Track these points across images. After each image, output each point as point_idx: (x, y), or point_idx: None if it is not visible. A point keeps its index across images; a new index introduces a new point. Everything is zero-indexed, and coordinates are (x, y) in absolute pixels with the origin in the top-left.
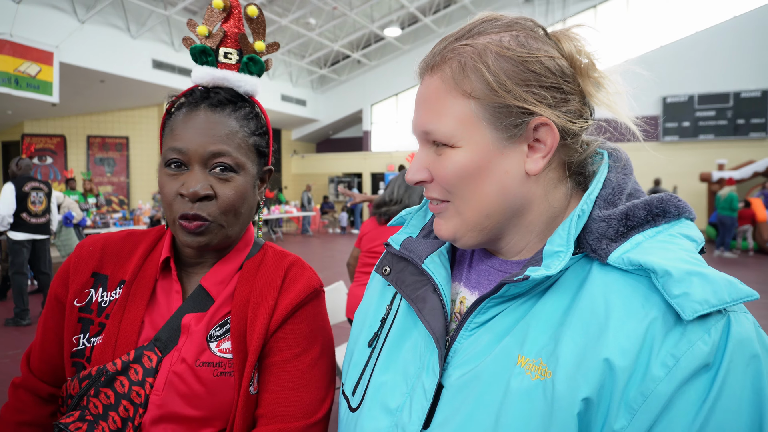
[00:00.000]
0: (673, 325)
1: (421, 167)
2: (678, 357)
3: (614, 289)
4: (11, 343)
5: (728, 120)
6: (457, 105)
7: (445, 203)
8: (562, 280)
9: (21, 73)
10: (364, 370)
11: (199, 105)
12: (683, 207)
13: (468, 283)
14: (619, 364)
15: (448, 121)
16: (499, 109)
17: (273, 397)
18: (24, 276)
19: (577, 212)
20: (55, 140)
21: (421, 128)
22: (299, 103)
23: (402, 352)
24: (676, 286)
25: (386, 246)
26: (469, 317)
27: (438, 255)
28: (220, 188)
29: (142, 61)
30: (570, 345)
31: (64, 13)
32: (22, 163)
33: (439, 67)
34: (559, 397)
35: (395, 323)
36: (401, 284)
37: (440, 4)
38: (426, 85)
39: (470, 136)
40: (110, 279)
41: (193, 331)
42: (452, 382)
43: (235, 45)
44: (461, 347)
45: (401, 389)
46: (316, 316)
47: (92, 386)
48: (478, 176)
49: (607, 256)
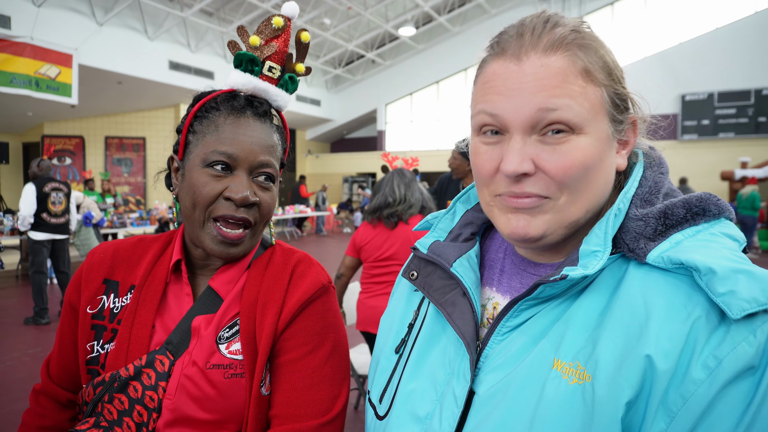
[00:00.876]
0: (718, 325)
1: (526, 158)
2: (720, 358)
3: (654, 288)
4: (31, 342)
5: (749, 118)
6: (590, 89)
7: (542, 199)
8: (598, 281)
9: (41, 75)
10: (392, 377)
11: (245, 111)
12: (723, 206)
13: (500, 288)
14: (660, 366)
15: (583, 103)
16: (617, 99)
17: (285, 397)
18: (44, 275)
19: (613, 211)
20: (74, 141)
21: (541, 105)
22: (314, 103)
23: (430, 358)
24: (721, 283)
25: (413, 250)
26: (501, 320)
27: (467, 259)
28: (262, 195)
29: (158, 63)
30: (610, 347)
31: (83, 16)
32: (43, 164)
33: (558, 48)
34: (600, 402)
35: (423, 329)
36: (429, 289)
37: (455, 3)
38: (538, 65)
39: (597, 125)
40: (121, 285)
41: (203, 333)
42: (484, 388)
43: (280, 62)
44: (493, 352)
45: (430, 396)
46: (326, 313)
47: (106, 392)
48: (596, 168)
49: (645, 255)
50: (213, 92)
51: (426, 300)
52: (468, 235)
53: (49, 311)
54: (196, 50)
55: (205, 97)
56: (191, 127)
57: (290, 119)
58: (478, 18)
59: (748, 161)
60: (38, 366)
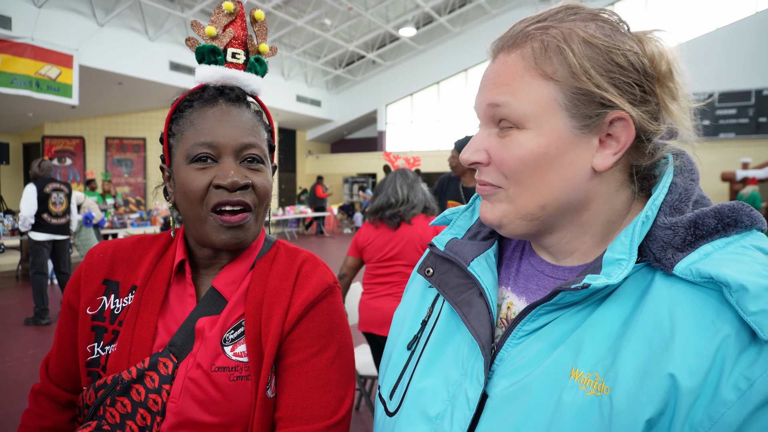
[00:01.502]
0: (748, 345)
1: (479, 148)
2: (753, 380)
3: (681, 301)
4: (32, 343)
5: (750, 118)
6: (535, 85)
7: (497, 188)
8: (622, 290)
9: (42, 76)
10: (403, 373)
11: (217, 100)
12: (756, 217)
13: (516, 288)
14: (685, 384)
15: (523, 99)
16: (578, 95)
17: (291, 400)
18: (44, 276)
19: (641, 218)
20: (74, 142)
21: (489, 101)
22: (314, 103)
23: (443, 356)
24: (753, 302)
25: (430, 246)
26: (518, 324)
27: (485, 258)
28: (254, 177)
29: (159, 63)
30: (631, 359)
31: (83, 17)
32: (44, 164)
33: (518, 45)
34: (618, 415)
35: (437, 327)
36: (444, 287)
37: (455, 4)
38: (500, 63)
39: (543, 120)
40: (122, 285)
41: (208, 335)
42: (498, 392)
43: (242, 46)
44: (508, 355)
45: (442, 396)
46: (332, 314)
47: (108, 395)
48: (542, 164)
49: (672, 266)
50: (183, 93)
51: (441, 297)
52: (486, 233)
53: (50, 312)
54: None
55: (177, 99)
56: (170, 131)
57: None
58: (478, 19)
59: (750, 162)
60: (39, 366)
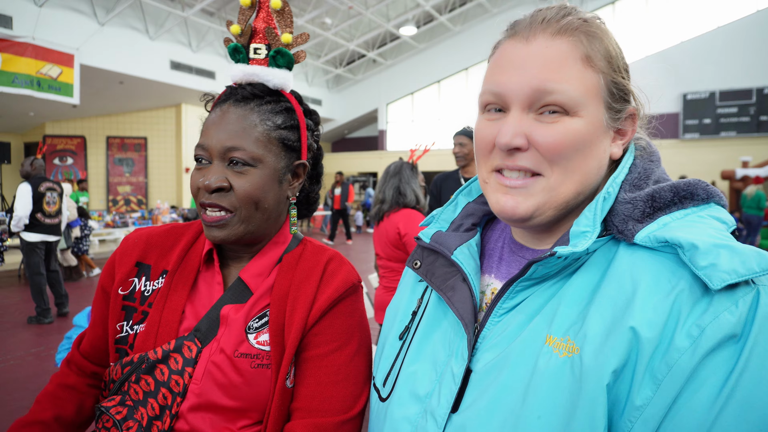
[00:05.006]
0: (701, 297)
1: (519, 132)
2: (703, 327)
3: (641, 265)
4: (34, 341)
5: (751, 117)
6: (587, 75)
7: (534, 177)
8: (591, 261)
9: (43, 75)
10: (395, 361)
11: (226, 102)
12: (712, 191)
13: (499, 275)
14: (645, 335)
15: (578, 86)
16: (615, 89)
17: (309, 391)
18: (42, 276)
19: (602, 194)
20: (76, 141)
21: (537, 86)
22: (315, 102)
23: (432, 341)
24: (703, 257)
25: (417, 240)
26: (498, 302)
27: (467, 247)
28: (235, 181)
29: (160, 62)
30: (597, 320)
31: (84, 16)
32: (36, 162)
33: (564, 33)
34: (587, 371)
35: (425, 314)
36: (431, 276)
37: (456, 2)
38: (544, 46)
39: (591, 109)
40: (153, 269)
41: (232, 321)
42: (481, 365)
43: (263, 40)
44: (490, 332)
45: (430, 376)
46: (354, 312)
47: (133, 372)
48: (587, 150)
49: (633, 236)
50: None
51: (429, 289)
52: (469, 225)
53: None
54: (197, 50)
55: (215, 99)
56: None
57: None
58: (479, 17)
59: (749, 160)
60: (42, 364)
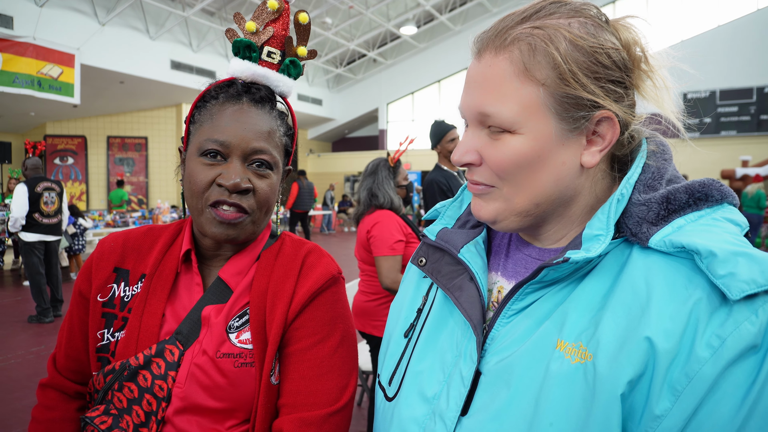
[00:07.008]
0: (719, 306)
1: (471, 149)
2: (724, 338)
3: (656, 271)
4: (35, 340)
5: (751, 116)
6: (525, 90)
7: (490, 188)
8: (602, 265)
9: (43, 75)
10: (401, 360)
11: (241, 98)
12: (726, 192)
13: (505, 273)
14: (662, 346)
15: (512, 106)
16: (567, 99)
17: (294, 387)
18: (41, 276)
19: (616, 196)
20: (76, 141)
21: (477, 109)
22: (315, 102)
23: (438, 341)
24: (721, 266)
25: (422, 237)
26: (507, 304)
27: (474, 244)
28: (257, 182)
29: (160, 62)
30: (611, 327)
31: (85, 16)
32: (29, 162)
33: (506, 48)
34: (601, 380)
35: (431, 313)
36: (437, 274)
37: (456, 2)
38: (487, 65)
39: (533, 124)
40: (131, 273)
41: (213, 323)
42: (490, 368)
43: (279, 46)
44: (499, 334)
45: (438, 377)
46: (335, 303)
47: (116, 381)
48: (534, 165)
49: (647, 239)
50: (215, 82)
51: (434, 286)
52: (475, 222)
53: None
54: (197, 50)
55: (206, 87)
56: (192, 117)
57: None
58: (479, 17)
59: (749, 159)
60: (43, 363)
